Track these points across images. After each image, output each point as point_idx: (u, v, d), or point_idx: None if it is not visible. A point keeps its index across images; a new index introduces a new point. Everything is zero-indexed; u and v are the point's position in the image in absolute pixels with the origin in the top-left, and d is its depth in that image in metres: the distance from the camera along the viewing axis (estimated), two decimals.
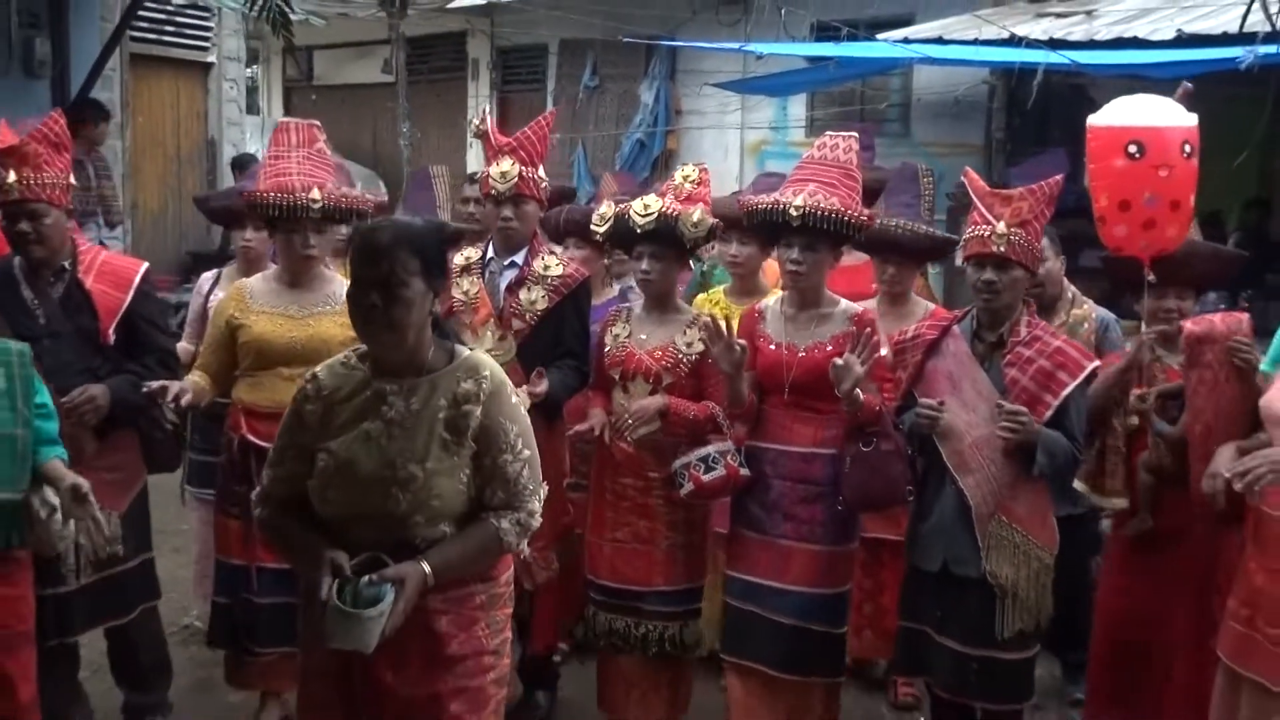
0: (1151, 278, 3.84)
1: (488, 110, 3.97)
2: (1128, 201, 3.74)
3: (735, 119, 12.62)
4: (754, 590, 3.82)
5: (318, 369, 2.72)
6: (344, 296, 3.84)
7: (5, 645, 3.29)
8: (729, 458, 3.73)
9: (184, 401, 3.66)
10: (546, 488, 2.74)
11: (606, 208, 4.08)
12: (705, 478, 3.70)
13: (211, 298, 4.72)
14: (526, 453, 2.62)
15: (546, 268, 4.09)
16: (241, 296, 3.98)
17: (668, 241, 3.85)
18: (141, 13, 9.83)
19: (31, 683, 3.36)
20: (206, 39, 11.98)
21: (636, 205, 3.88)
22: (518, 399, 2.67)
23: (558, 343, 4.08)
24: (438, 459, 2.53)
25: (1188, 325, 3.80)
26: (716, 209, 4.10)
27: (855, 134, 4.04)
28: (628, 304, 4.24)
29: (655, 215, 3.81)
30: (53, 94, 9.39)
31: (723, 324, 3.69)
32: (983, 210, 3.59)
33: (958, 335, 3.70)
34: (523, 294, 4.05)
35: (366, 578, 2.42)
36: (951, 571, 3.57)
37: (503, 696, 2.75)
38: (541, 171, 4.09)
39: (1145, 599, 3.99)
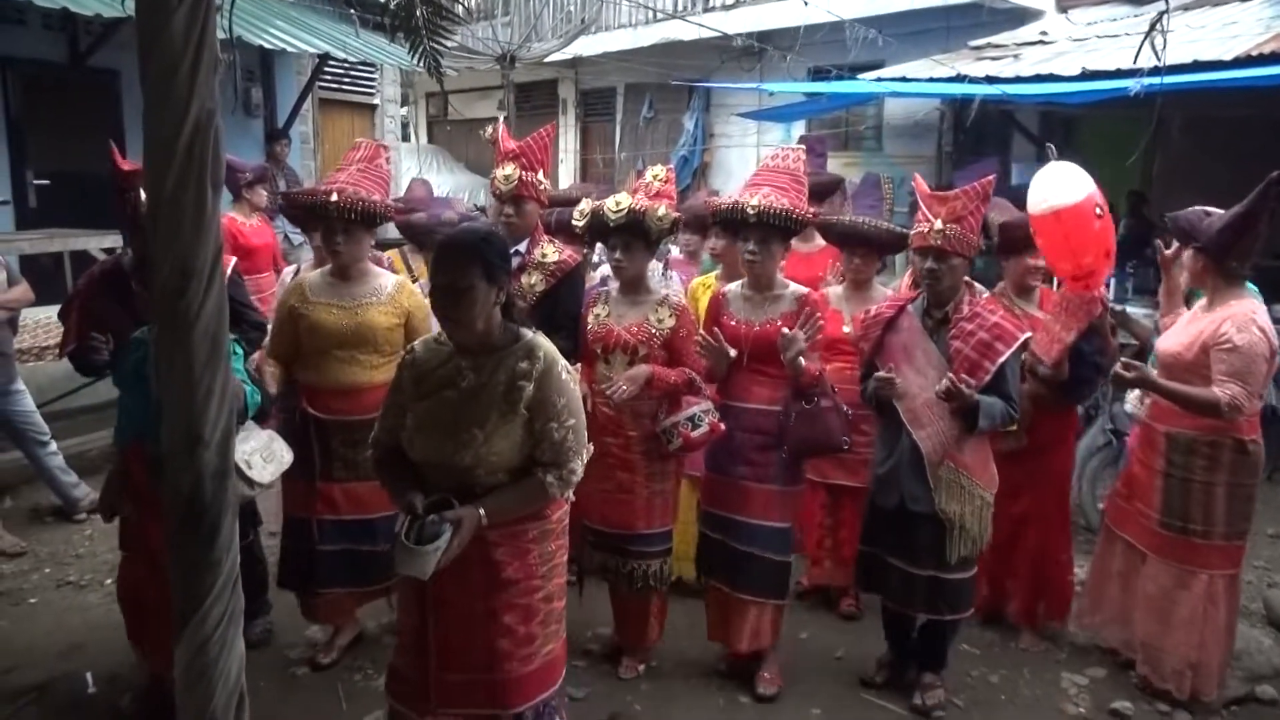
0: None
1: (504, 122, 3.34)
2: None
3: (753, 139, 12.38)
4: (721, 522, 3.43)
5: (415, 344, 2.47)
6: (388, 289, 3.46)
7: None
8: (710, 416, 3.31)
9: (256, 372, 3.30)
10: (592, 448, 2.45)
11: (586, 205, 3.48)
12: (694, 434, 3.28)
13: None
14: (571, 420, 2.33)
15: (544, 255, 3.53)
16: (302, 289, 3.45)
17: (636, 233, 3.32)
18: (326, 69, 9.85)
19: None
20: (372, 87, 11.99)
21: (609, 202, 3.35)
22: (568, 375, 2.37)
23: (551, 319, 3.42)
24: (495, 423, 2.28)
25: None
26: (694, 209, 3.57)
27: (803, 146, 3.57)
28: (606, 287, 3.63)
29: (625, 211, 3.29)
30: (264, 128, 9.49)
31: (711, 337, 3.35)
32: (924, 210, 3.20)
33: (911, 313, 3.28)
34: (524, 278, 3.47)
35: (431, 517, 2.20)
36: (908, 508, 3.20)
37: (551, 608, 2.44)
38: (541, 175, 3.52)
39: (1015, 496, 3.71)
